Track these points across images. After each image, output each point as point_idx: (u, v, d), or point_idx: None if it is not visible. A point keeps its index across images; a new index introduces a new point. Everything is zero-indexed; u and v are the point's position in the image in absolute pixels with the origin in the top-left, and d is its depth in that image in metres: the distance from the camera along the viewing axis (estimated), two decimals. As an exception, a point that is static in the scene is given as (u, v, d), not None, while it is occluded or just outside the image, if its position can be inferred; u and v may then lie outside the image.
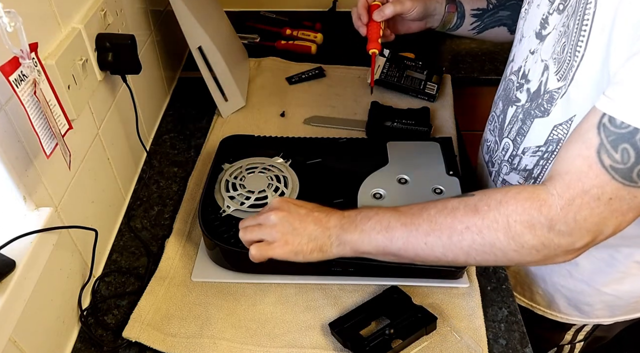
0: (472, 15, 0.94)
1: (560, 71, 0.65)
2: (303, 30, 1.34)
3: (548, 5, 0.68)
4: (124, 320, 0.72)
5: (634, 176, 0.51)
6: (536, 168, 0.74)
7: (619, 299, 0.82)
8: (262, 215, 0.68)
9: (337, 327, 0.69)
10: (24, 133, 0.58)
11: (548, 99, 0.68)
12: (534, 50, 0.71)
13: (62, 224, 0.68)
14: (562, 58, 0.64)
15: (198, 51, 0.98)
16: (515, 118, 0.76)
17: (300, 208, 0.67)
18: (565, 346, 0.93)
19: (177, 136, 1.05)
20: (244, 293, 0.75)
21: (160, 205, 0.90)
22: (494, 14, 0.92)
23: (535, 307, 0.89)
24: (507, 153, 0.79)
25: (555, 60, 0.66)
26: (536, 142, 0.72)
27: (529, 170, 0.75)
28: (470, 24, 0.94)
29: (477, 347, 0.68)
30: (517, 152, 0.77)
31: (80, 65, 0.70)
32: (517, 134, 0.76)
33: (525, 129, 0.74)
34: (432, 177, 0.82)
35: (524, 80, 0.73)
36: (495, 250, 0.58)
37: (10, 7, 0.49)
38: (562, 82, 0.65)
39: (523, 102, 0.74)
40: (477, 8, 0.92)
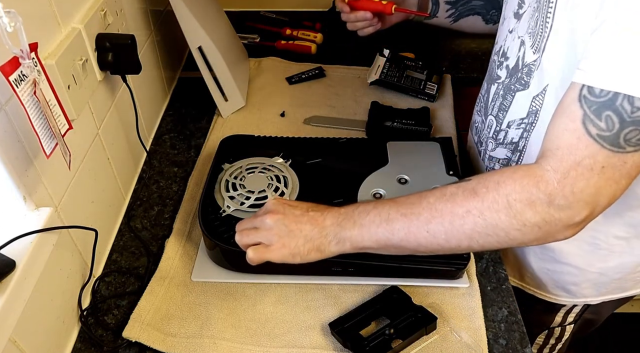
0: (446, 2, 0.96)
1: (535, 44, 0.68)
2: (303, 30, 1.34)
3: None
4: (124, 320, 0.72)
5: (620, 142, 0.53)
6: (521, 140, 0.76)
7: (603, 276, 0.83)
8: (258, 218, 0.68)
9: (337, 327, 0.69)
10: (24, 133, 0.58)
11: (527, 72, 0.71)
12: (512, 29, 0.74)
13: (62, 224, 0.68)
14: (535, 31, 0.67)
15: (198, 51, 0.98)
16: (497, 95, 0.79)
17: (295, 209, 0.67)
18: (555, 329, 0.94)
19: (177, 136, 1.05)
20: (244, 293, 0.75)
21: (160, 205, 0.90)
22: (467, 2, 0.94)
23: (525, 287, 0.91)
24: (491, 130, 0.81)
25: (530, 34, 0.69)
26: (519, 114, 0.74)
27: (515, 143, 0.77)
28: (446, 11, 0.97)
29: (477, 347, 0.68)
30: (501, 127, 0.79)
31: (80, 65, 0.70)
32: (499, 109, 0.78)
33: (507, 104, 0.76)
34: (432, 177, 0.82)
35: (504, 58, 0.76)
36: (498, 231, 0.58)
37: (10, 7, 0.49)
38: (537, 54, 0.68)
39: (503, 78, 0.77)
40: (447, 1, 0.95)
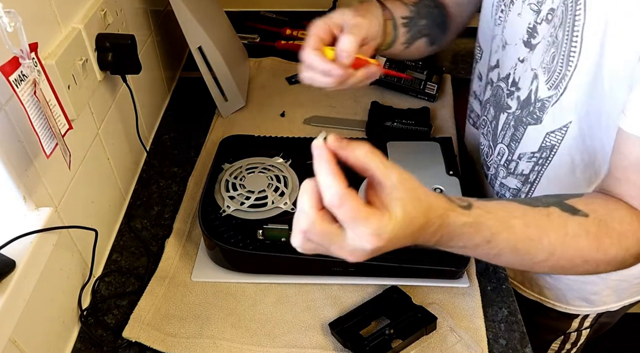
0: (403, 25, 0.77)
1: (550, 80, 0.66)
2: (303, 30, 1.33)
3: (533, 15, 0.68)
4: (124, 320, 0.72)
5: None
6: (532, 173, 0.76)
7: (623, 282, 0.83)
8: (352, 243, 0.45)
9: (337, 327, 0.69)
10: (24, 133, 0.58)
11: (540, 107, 0.69)
12: (523, 59, 0.71)
13: (62, 224, 0.68)
14: (552, 68, 0.65)
15: (198, 51, 0.98)
16: (507, 125, 0.77)
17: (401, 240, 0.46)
18: (572, 334, 0.94)
19: (177, 136, 1.05)
20: (244, 293, 0.75)
21: (160, 205, 0.90)
22: (416, 23, 0.78)
23: (544, 300, 0.90)
24: (502, 158, 0.80)
25: (545, 69, 0.67)
26: (530, 148, 0.74)
27: (525, 175, 0.77)
28: (403, 35, 0.77)
29: (477, 347, 0.68)
30: (512, 158, 0.78)
31: (80, 65, 0.70)
32: (511, 139, 0.77)
33: (519, 136, 0.75)
34: (432, 177, 0.82)
35: (515, 87, 0.74)
36: (596, 273, 0.58)
37: (10, 7, 0.49)
38: (553, 90, 0.66)
39: (514, 109, 0.75)
40: (405, 16, 0.77)
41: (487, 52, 0.82)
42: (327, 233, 0.44)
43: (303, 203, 0.44)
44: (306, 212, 0.44)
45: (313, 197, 0.44)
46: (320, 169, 0.43)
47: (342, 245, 0.44)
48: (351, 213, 0.42)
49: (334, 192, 0.42)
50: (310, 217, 0.44)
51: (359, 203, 0.43)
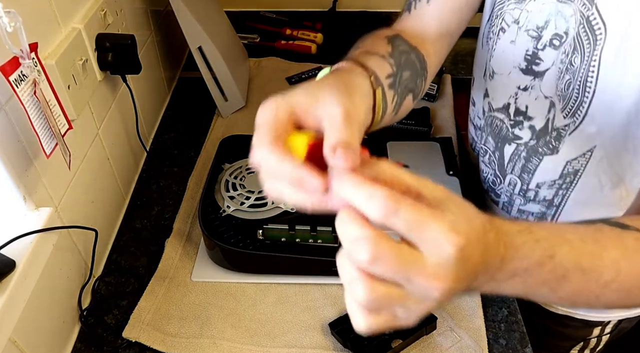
0: (389, 87, 0.58)
1: (566, 108, 0.63)
2: (303, 30, 1.34)
3: (532, 41, 0.65)
4: (124, 320, 0.72)
5: None
6: (556, 198, 0.73)
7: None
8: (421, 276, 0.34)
9: (337, 327, 0.69)
10: (24, 133, 0.58)
11: (556, 136, 0.66)
12: (525, 87, 0.68)
13: (62, 224, 0.68)
14: (567, 95, 0.62)
15: (198, 51, 0.98)
16: (516, 156, 0.74)
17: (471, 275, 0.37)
18: (591, 339, 0.93)
19: (177, 136, 1.05)
20: (244, 293, 0.75)
21: (160, 205, 0.90)
22: (400, 79, 0.61)
23: (565, 311, 0.87)
24: (516, 187, 0.77)
25: (560, 97, 0.64)
26: (550, 176, 0.70)
27: (549, 200, 0.74)
28: (391, 101, 0.59)
29: (477, 347, 0.68)
30: (529, 187, 0.74)
31: (80, 65, 0.70)
32: (523, 170, 0.73)
33: (532, 167, 0.71)
34: (432, 177, 0.81)
35: (522, 117, 0.70)
36: None
37: (10, 7, 0.49)
38: (570, 119, 0.63)
39: (526, 139, 0.71)
40: (389, 74, 0.59)
41: (479, 79, 0.79)
42: (400, 255, 0.33)
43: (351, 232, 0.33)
44: (363, 237, 0.33)
45: (359, 222, 0.33)
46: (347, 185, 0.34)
47: (422, 263, 0.33)
48: (414, 215, 0.33)
49: (381, 199, 0.33)
50: (370, 240, 0.33)
51: (418, 205, 0.34)
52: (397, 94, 0.59)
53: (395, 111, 0.60)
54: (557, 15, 0.61)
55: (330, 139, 0.38)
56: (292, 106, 0.41)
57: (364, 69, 0.51)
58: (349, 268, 0.35)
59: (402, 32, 0.68)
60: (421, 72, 0.65)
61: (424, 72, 0.66)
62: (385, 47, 0.61)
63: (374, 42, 0.63)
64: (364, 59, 0.54)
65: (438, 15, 0.68)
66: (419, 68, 0.65)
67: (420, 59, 0.66)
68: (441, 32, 0.69)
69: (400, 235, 0.33)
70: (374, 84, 0.51)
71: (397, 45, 0.63)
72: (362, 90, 0.47)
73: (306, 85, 0.43)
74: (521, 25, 0.65)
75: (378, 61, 0.57)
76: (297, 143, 0.39)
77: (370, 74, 0.51)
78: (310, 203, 0.37)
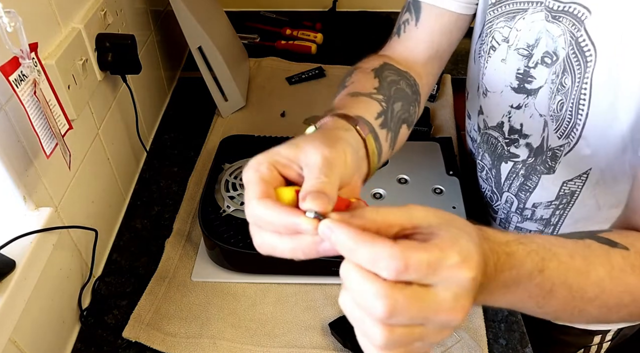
0: (380, 126, 0.56)
1: (560, 129, 0.62)
2: (303, 30, 1.34)
3: (522, 60, 0.64)
4: (124, 320, 0.72)
5: None
6: (553, 217, 0.72)
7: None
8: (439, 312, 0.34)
9: (337, 327, 0.69)
10: (24, 133, 0.58)
11: (551, 156, 0.66)
12: (519, 105, 0.67)
13: (62, 224, 0.68)
14: (560, 116, 0.61)
15: (198, 51, 0.98)
16: (513, 174, 0.73)
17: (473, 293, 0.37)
18: (592, 347, 0.93)
19: (177, 136, 1.05)
20: (244, 293, 0.75)
21: (160, 205, 0.90)
22: (391, 113, 0.59)
23: None
24: (512, 205, 0.77)
25: (552, 117, 0.63)
26: (547, 197, 0.70)
27: (546, 219, 0.73)
28: (385, 140, 0.57)
29: (477, 347, 0.68)
30: (526, 206, 0.74)
31: (80, 65, 0.70)
32: (520, 189, 0.73)
33: (531, 185, 0.71)
34: (432, 177, 0.82)
35: (518, 135, 0.69)
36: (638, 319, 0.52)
37: (10, 7, 0.49)
38: (565, 139, 0.62)
39: (524, 157, 0.70)
40: (377, 114, 0.56)
41: (473, 95, 0.78)
42: (417, 301, 0.33)
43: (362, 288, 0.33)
44: (377, 294, 0.32)
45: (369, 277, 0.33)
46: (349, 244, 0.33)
47: (440, 301, 0.33)
48: (425, 263, 0.32)
49: (387, 260, 0.32)
50: (386, 296, 0.32)
51: (422, 247, 0.33)
52: (391, 130, 0.58)
53: (392, 146, 0.59)
54: (546, 34, 0.61)
55: (306, 186, 0.38)
56: (275, 160, 0.42)
57: (348, 121, 0.50)
58: (359, 313, 0.34)
59: (390, 58, 0.68)
60: (413, 97, 0.64)
61: (416, 96, 0.65)
62: (371, 82, 0.61)
63: (360, 78, 0.62)
64: (348, 106, 0.54)
65: (428, 38, 0.68)
66: (411, 94, 0.64)
67: (411, 83, 0.65)
68: (431, 54, 0.69)
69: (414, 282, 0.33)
70: (361, 133, 0.50)
71: (384, 77, 0.62)
72: (347, 141, 0.46)
73: (290, 140, 0.44)
74: (511, 44, 0.65)
75: (364, 103, 0.57)
76: (284, 194, 0.39)
77: (354, 124, 0.50)
78: (301, 250, 0.37)
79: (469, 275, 0.33)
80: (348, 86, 0.61)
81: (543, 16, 0.60)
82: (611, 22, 0.54)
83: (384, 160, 0.58)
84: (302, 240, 0.37)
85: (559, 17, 0.58)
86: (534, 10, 0.61)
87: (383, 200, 0.79)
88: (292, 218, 0.36)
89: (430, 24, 0.67)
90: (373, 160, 0.52)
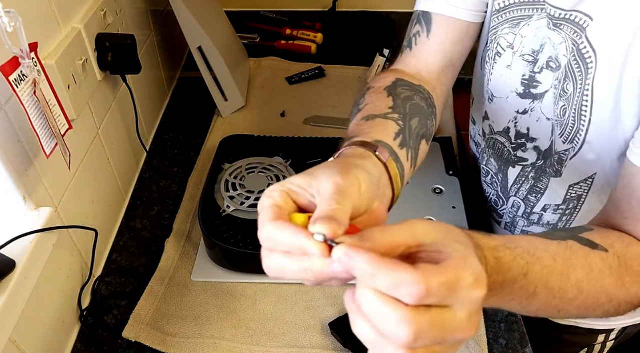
0: (400, 146, 0.56)
1: (564, 134, 0.63)
2: (303, 30, 1.34)
3: (528, 66, 0.64)
4: (124, 320, 0.72)
5: None
6: (560, 223, 0.73)
7: None
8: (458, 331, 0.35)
9: (337, 327, 0.69)
10: (24, 133, 0.58)
11: (557, 160, 0.66)
12: (525, 110, 0.67)
13: (62, 224, 0.68)
14: (564, 121, 0.62)
15: (198, 51, 0.98)
16: (522, 178, 0.73)
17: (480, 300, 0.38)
18: (596, 345, 0.93)
19: (177, 136, 1.05)
20: (244, 293, 0.75)
21: (160, 205, 0.90)
22: (409, 131, 0.58)
23: (574, 322, 0.87)
24: (519, 210, 0.77)
25: (557, 122, 0.63)
26: (555, 201, 0.70)
27: (553, 224, 0.73)
28: (407, 159, 0.56)
29: (477, 347, 0.68)
30: (533, 210, 0.74)
31: (80, 65, 0.70)
32: (529, 192, 0.73)
33: (542, 187, 0.71)
34: (432, 177, 0.82)
35: (525, 139, 0.69)
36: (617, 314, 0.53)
37: (10, 7, 0.49)
38: (569, 144, 0.63)
39: (532, 160, 0.70)
40: (395, 134, 0.56)
41: (479, 101, 0.78)
42: (438, 324, 0.33)
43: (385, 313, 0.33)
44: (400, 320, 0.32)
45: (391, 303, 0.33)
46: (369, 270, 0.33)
47: (458, 321, 0.34)
48: (445, 286, 0.33)
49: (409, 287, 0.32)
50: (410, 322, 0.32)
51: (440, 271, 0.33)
52: (411, 148, 0.57)
53: (414, 165, 0.58)
54: (549, 41, 0.61)
55: (318, 212, 0.39)
56: (289, 189, 0.42)
57: (366, 148, 0.50)
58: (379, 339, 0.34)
59: (402, 73, 0.68)
60: (429, 110, 0.64)
61: (432, 109, 0.65)
62: (385, 102, 0.61)
63: (373, 99, 0.62)
64: (366, 132, 0.54)
65: (440, 48, 0.68)
66: (427, 107, 0.64)
67: (426, 96, 0.65)
68: (444, 64, 0.69)
69: None
70: (381, 158, 0.50)
71: (398, 94, 0.62)
72: (362, 168, 0.46)
73: (306, 171, 0.44)
74: (516, 51, 0.65)
75: (381, 125, 0.57)
76: (297, 220, 0.40)
77: (373, 150, 0.50)
78: (312, 273, 0.37)
79: (481, 294, 0.34)
80: (362, 109, 0.60)
81: (545, 23, 0.60)
82: (612, 29, 0.54)
83: (407, 180, 0.57)
84: (312, 261, 0.37)
85: (560, 25, 0.58)
86: (538, 17, 0.61)
87: (383, 200, 0.79)
88: (301, 239, 0.36)
89: (441, 35, 0.67)
90: (397, 183, 0.51)
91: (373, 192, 0.45)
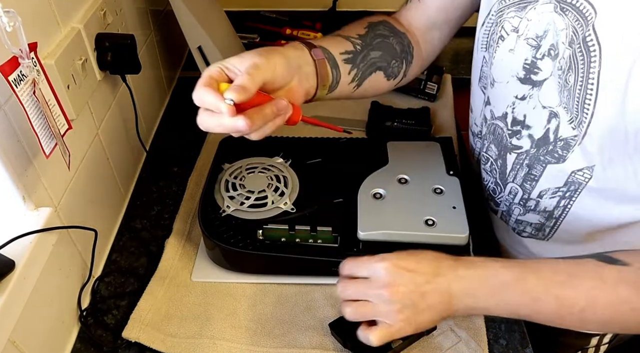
0: (345, 61, 0.68)
1: (573, 121, 0.62)
2: (303, 30, 1.33)
3: (531, 50, 0.64)
4: (124, 320, 0.72)
5: None
6: (557, 209, 0.72)
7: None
8: (372, 290, 0.59)
9: (337, 327, 0.69)
10: (24, 133, 0.58)
11: (563, 146, 0.65)
12: (523, 96, 0.68)
13: (62, 224, 0.68)
14: (571, 107, 0.62)
15: (198, 51, 0.98)
16: (518, 164, 0.73)
17: (416, 275, 0.58)
18: (589, 349, 0.93)
19: (177, 136, 1.05)
20: (244, 293, 0.75)
21: (160, 205, 0.90)
22: (365, 56, 0.70)
23: None
24: (516, 197, 0.77)
25: (566, 109, 0.63)
26: (554, 184, 0.70)
27: (549, 211, 0.73)
28: (347, 73, 0.68)
29: (477, 347, 0.68)
30: (530, 196, 0.74)
31: (79, 65, 0.70)
32: (525, 179, 0.73)
33: (536, 174, 0.71)
34: (433, 177, 0.82)
35: (520, 126, 0.70)
36: None
37: (10, 7, 0.49)
38: (577, 130, 0.63)
39: (527, 148, 0.71)
40: (345, 51, 0.68)
41: (475, 86, 0.79)
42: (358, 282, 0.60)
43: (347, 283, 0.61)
44: None
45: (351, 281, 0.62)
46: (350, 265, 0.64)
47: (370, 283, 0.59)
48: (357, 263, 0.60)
49: None
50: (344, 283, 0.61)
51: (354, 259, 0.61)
52: (358, 69, 0.69)
53: (357, 84, 0.70)
54: (552, 26, 0.61)
55: (234, 82, 0.52)
56: (225, 65, 0.56)
57: (306, 45, 0.64)
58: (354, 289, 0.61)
59: (395, 19, 0.78)
60: (401, 55, 0.74)
61: (405, 55, 0.75)
62: (357, 29, 0.72)
63: (352, 27, 0.73)
64: (320, 40, 0.68)
65: (426, 13, 0.78)
66: (399, 51, 0.74)
67: (404, 43, 0.75)
68: (429, 24, 0.78)
69: None
70: (313, 55, 0.64)
71: (374, 30, 0.73)
72: (283, 54, 0.60)
73: (240, 54, 0.58)
74: (520, 34, 0.65)
75: (336, 41, 0.69)
76: (222, 87, 0.54)
77: (312, 48, 0.64)
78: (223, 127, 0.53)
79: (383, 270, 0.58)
80: (337, 30, 0.72)
81: (552, 7, 0.60)
82: (620, 21, 0.54)
83: (345, 91, 0.70)
84: (223, 118, 0.52)
85: (565, 10, 0.59)
86: (544, 1, 0.61)
87: (383, 200, 0.78)
88: (217, 102, 0.51)
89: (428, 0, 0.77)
90: (326, 81, 0.66)
91: (288, 73, 0.60)
